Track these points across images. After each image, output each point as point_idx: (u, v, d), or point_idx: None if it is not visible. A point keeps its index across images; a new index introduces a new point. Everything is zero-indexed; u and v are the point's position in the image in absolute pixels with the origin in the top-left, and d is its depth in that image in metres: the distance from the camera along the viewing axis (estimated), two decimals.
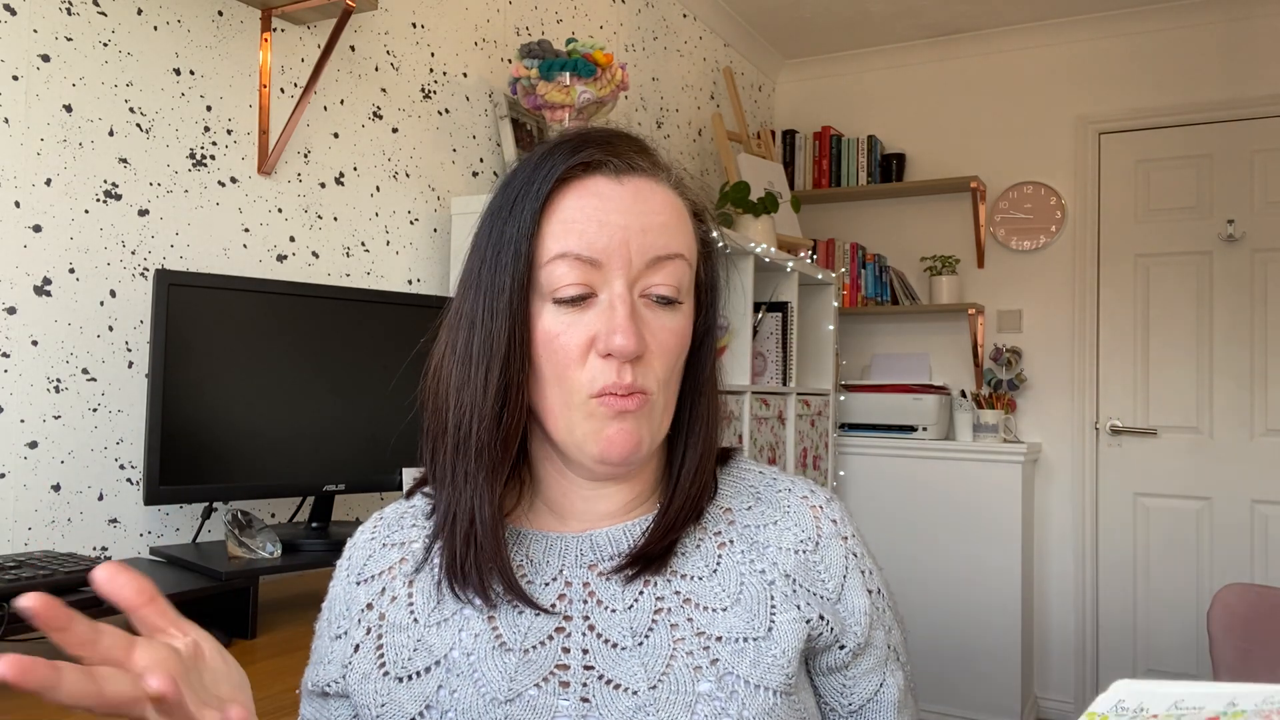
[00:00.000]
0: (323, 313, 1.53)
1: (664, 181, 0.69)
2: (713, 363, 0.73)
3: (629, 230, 0.64)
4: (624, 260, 0.64)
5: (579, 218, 0.65)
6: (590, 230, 0.64)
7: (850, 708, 0.72)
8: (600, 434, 0.65)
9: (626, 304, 0.64)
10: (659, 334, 0.66)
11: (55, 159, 1.43)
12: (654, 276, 0.66)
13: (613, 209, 0.65)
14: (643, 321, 0.65)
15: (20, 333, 1.38)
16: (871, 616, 0.71)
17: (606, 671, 0.64)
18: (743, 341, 2.62)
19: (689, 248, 0.68)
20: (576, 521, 0.72)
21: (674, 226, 0.67)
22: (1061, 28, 3.53)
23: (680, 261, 0.67)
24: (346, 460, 1.55)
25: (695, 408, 0.71)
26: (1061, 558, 3.47)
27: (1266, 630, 1.53)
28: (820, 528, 0.71)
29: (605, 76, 2.13)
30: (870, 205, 3.87)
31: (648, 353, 0.65)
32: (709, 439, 0.72)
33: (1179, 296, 3.36)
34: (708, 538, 0.70)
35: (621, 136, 0.70)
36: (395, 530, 0.75)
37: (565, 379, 0.65)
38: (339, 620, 0.73)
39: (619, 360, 0.64)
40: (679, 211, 0.68)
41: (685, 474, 0.70)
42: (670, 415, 0.69)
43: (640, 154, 0.68)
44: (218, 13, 1.67)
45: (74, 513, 1.44)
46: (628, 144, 0.69)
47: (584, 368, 0.65)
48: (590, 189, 0.66)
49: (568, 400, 0.65)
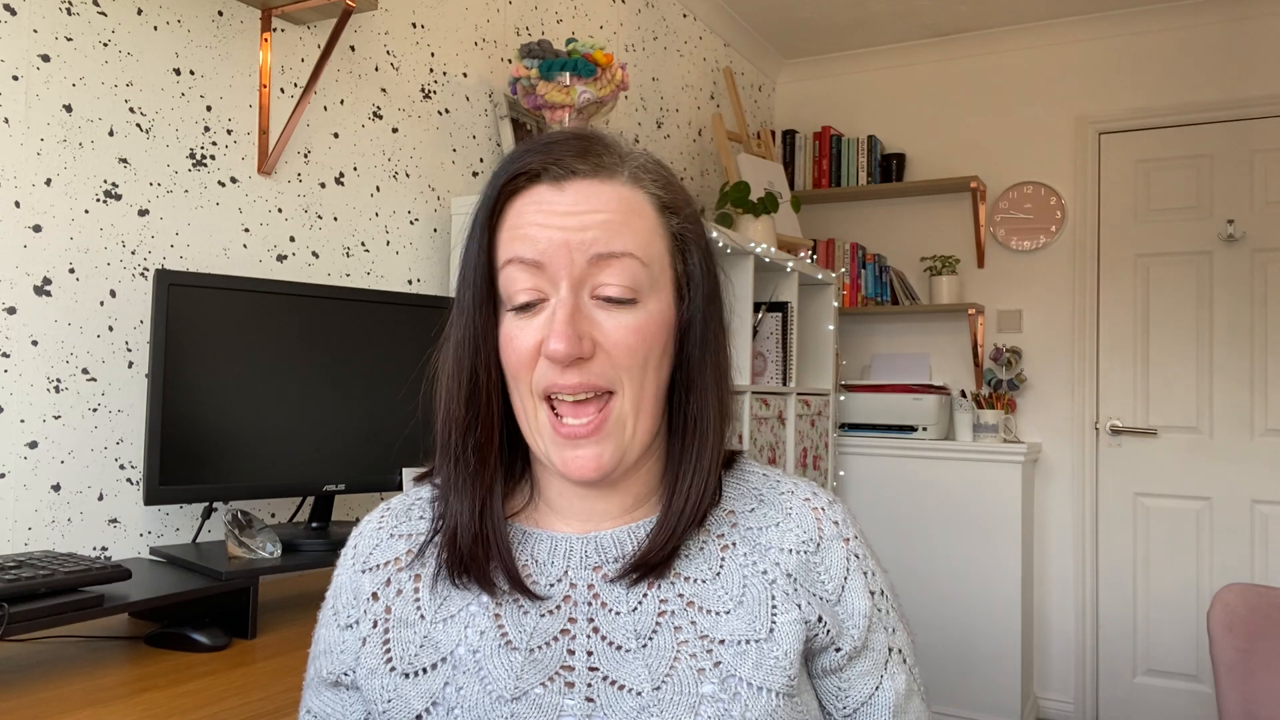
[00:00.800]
0: (323, 313, 1.53)
1: (614, 180, 0.67)
2: (710, 358, 0.70)
3: (567, 231, 0.65)
4: (565, 262, 0.65)
5: (521, 224, 0.66)
6: (532, 233, 0.65)
7: (845, 711, 0.71)
8: (561, 454, 0.67)
9: (566, 307, 0.64)
10: (612, 333, 0.65)
11: (55, 159, 1.43)
12: (601, 276, 0.65)
13: (555, 212, 0.66)
14: (591, 322, 0.65)
15: (20, 333, 1.38)
16: (871, 619, 0.71)
17: (611, 672, 0.65)
18: (743, 341, 2.62)
19: (643, 245, 0.67)
20: (579, 521, 0.72)
21: (620, 224, 0.66)
22: (1061, 28, 3.53)
23: (628, 260, 0.65)
24: (346, 460, 1.55)
25: (688, 405, 0.70)
26: (1061, 558, 3.47)
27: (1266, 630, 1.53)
28: (822, 529, 0.71)
29: (605, 76, 2.13)
30: (870, 205, 3.87)
31: (599, 351, 0.65)
32: (708, 438, 0.70)
33: (1179, 296, 3.36)
34: (711, 540, 0.70)
35: (563, 142, 0.68)
36: (403, 521, 0.75)
37: (521, 382, 0.67)
38: (348, 609, 0.73)
39: (560, 364, 0.64)
40: (632, 208, 0.67)
41: (684, 476, 0.70)
42: (650, 418, 0.68)
43: (580, 158, 0.67)
44: (218, 13, 1.67)
45: (74, 513, 1.44)
46: (568, 149, 0.68)
47: (537, 371, 0.66)
48: (533, 197, 0.67)
49: (526, 406, 0.68)
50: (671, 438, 0.72)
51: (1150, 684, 3.30)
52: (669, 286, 0.69)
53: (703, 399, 0.70)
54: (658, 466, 0.73)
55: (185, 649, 1.19)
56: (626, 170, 0.68)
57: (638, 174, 0.69)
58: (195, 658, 1.17)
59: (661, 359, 0.68)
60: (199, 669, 1.12)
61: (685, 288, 0.70)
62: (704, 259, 0.71)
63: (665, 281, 0.69)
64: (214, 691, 1.05)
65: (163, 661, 1.15)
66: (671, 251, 0.70)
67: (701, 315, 0.70)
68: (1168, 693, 3.26)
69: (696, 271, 0.70)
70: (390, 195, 2.04)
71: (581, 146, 0.68)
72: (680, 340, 0.70)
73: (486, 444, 0.69)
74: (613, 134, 0.72)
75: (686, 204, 0.72)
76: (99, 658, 1.15)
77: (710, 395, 0.70)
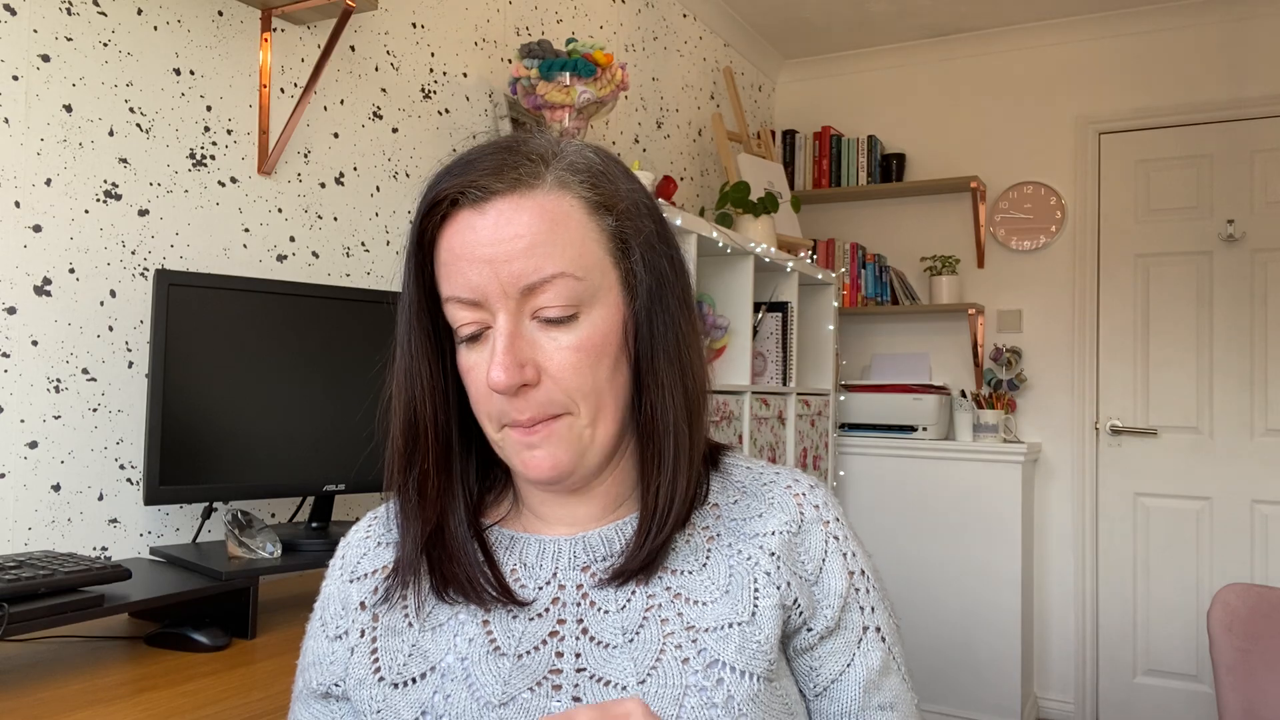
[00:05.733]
0: (323, 313, 1.53)
1: (535, 192, 0.64)
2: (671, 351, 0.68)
3: (495, 264, 0.62)
4: (499, 293, 0.63)
5: (450, 259, 0.65)
6: (463, 270, 0.64)
7: (816, 690, 0.71)
8: (521, 457, 0.67)
9: (505, 336, 0.63)
10: (556, 354, 0.64)
11: (55, 159, 1.43)
12: (537, 300, 0.63)
13: (477, 242, 0.63)
14: (534, 346, 0.64)
15: (20, 333, 1.38)
16: (846, 599, 0.71)
17: (597, 670, 0.65)
18: (743, 341, 2.62)
19: (574, 258, 0.63)
20: (563, 526, 0.72)
21: (545, 244, 0.63)
22: (1061, 28, 3.53)
23: (561, 280, 0.63)
24: (346, 460, 1.55)
25: (652, 403, 0.68)
26: (1061, 558, 3.47)
27: (1266, 630, 1.53)
28: (803, 512, 0.72)
29: (605, 76, 2.13)
30: (870, 205, 3.87)
31: (545, 378, 0.64)
32: (672, 434, 0.68)
33: (1179, 296, 3.36)
34: (696, 533, 0.71)
35: (481, 159, 0.65)
36: (390, 530, 0.75)
37: (481, 411, 0.67)
38: (336, 620, 0.73)
39: (505, 393, 0.64)
40: (556, 220, 0.63)
41: (654, 474, 0.68)
42: (608, 427, 0.67)
43: (496, 175, 0.64)
44: (218, 13, 1.67)
45: (74, 513, 1.44)
46: (484, 166, 0.64)
47: (492, 401, 0.66)
48: (458, 224, 0.64)
49: (494, 431, 0.68)
50: (640, 437, 0.70)
51: (1150, 684, 3.30)
52: (615, 287, 0.66)
53: (661, 396, 0.68)
54: (630, 468, 0.72)
55: (185, 649, 1.19)
56: (551, 176, 0.65)
57: (563, 177, 0.65)
58: (195, 658, 1.17)
59: (615, 366, 0.66)
60: (199, 669, 1.12)
61: (636, 285, 0.67)
62: (645, 253, 0.67)
63: (609, 284, 0.66)
64: (214, 691, 1.05)
65: (163, 661, 1.15)
66: (612, 252, 0.66)
67: (647, 313, 0.67)
68: (1168, 693, 3.26)
69: (639, 268, 0.67)
70: (390, 195, 2.04)
71: (498, 162, 0.64)
72: (639, 340, 0.68)
73: (425, 477, 0.69)
74: (544, 135, 0.69)
75: (624, 197, 0.67)
76: (99, 658, 1.15)
77: (670, 392, 0.68)
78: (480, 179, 0.64)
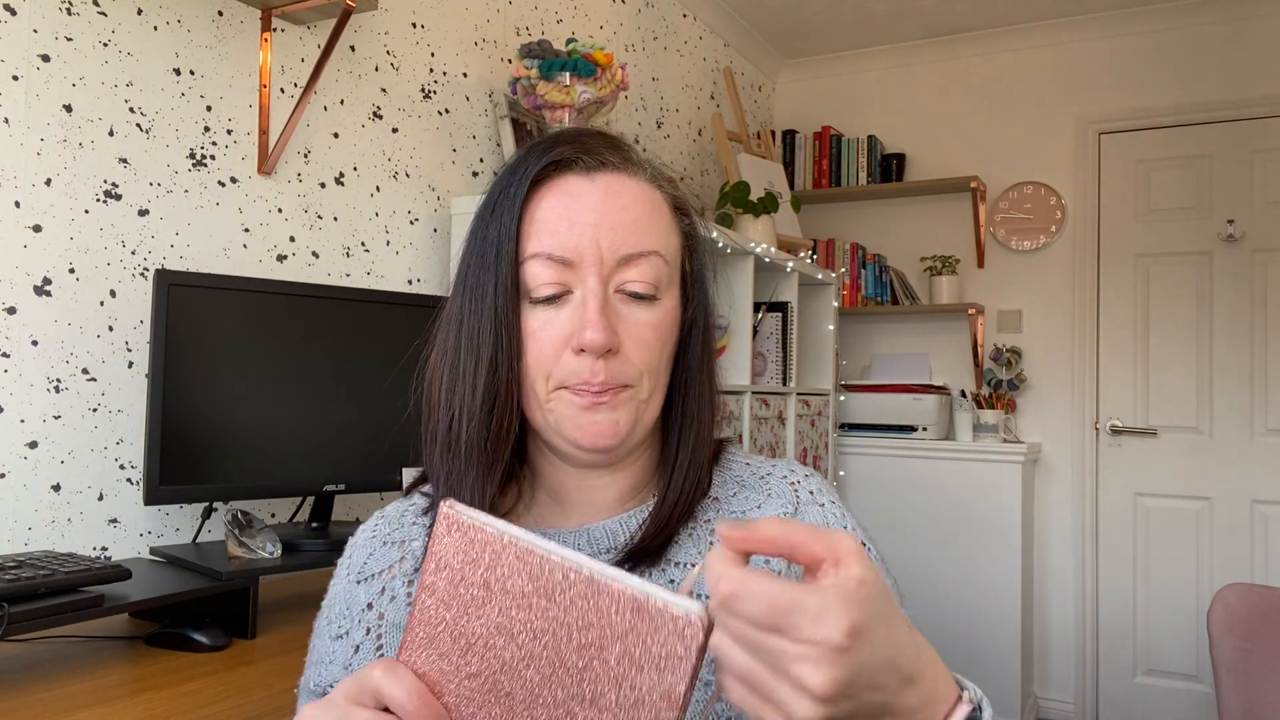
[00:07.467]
0: (323, 313, 1.53)
1: (639, 176, 0.69)
2: (705, 355, 0.73)
3: (599, 228, 0.65)
4: (595, 258, 0.65)
5: (551, 218, 0.66)
6: (561, 230, 0.65)
7: None
8: (576, 421, 0.66)
9: (598, 299, 0.65)
10: (634, 328, 0.66)
11: (55, 159, 1.43)
12: (627, 273, 0.66)
13: (584, 207, 0.66)
14: (617, 316, 0.66)
15: (20, 333, 1.38)
16: None
17: None
18: (743, 341, 2.62)
19: (665, 243, 0.68)
20: (576, 513, 0.72)
21: (647, 222, 0.67)
22: (1061, 28, 3.53)
23: (654, 258, 0.67)
24: (346, 460, 1.55)
25: (686, 400, 0.72)
26: (1061, 558, 3.47)
27: (1266, 630, 1.53)
28: (799, 497, 0.73)
29: (605, 76, 2.13)
30: (870, 205, 3.87)
31: (623, 347, 0.66)
32: (701, 432, 0.72)
33: (1179, 296, 3.36)
34: (700, 526, 0.72)
35: (593, 134, 0.70)
36: (396, 528, 0.75)
37: (543, 374, 0.67)
38: (339, 620, 0.73)
39: (591, 355, 0.65)
40: (654, 206, 0.69)
41: (680, 467, 0.71)
42: (657, 404, 0.70)
43: (612, 150, 0.69)
44: (218, 13, 1.67)
45: (74, 513, 1.44)
46: (599, 140, 0.69)
47: (560, 363, 0.66)
48: (562, 188, 0.67)
49: (539, 391, 0.67)
50: (668, 431, 0.73)
51: (1150, 684, 3.30)
52: (677, 283, 0.71)
53: (699, 395, 0.72)
54: (651, 455, 0.74)
55: (185, 649, 1.19)
56: (649, 169, 0.71)
57: (656, 174, 0.71)
58: (195, 658, 1.17)
59: (670, 354, 0.70)
60: (199, 669, 1.12)
61: (691, 287, 0.72)
62: (705, 259, 0.73)
63: (677, 279, 0.70)
64: (214, 691, 1.05)
65: (163, 661, 1.15)
66: (683, 251, 0.71)
67: (693, 315, 0.72)
68: (1168, 693, 3.26)
69: (702, 272, 0.73)
70: (390, 195, 2.04)
71: (610, 141, 0.70)
72: (682, 338, 0.71)
73: (504, 436, 0.68)
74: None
75: (691, 206, 0.74)
76: (99, 658, 1.15)
77: (706, 391, 0.73)
78: (596, 149, 0.68)
